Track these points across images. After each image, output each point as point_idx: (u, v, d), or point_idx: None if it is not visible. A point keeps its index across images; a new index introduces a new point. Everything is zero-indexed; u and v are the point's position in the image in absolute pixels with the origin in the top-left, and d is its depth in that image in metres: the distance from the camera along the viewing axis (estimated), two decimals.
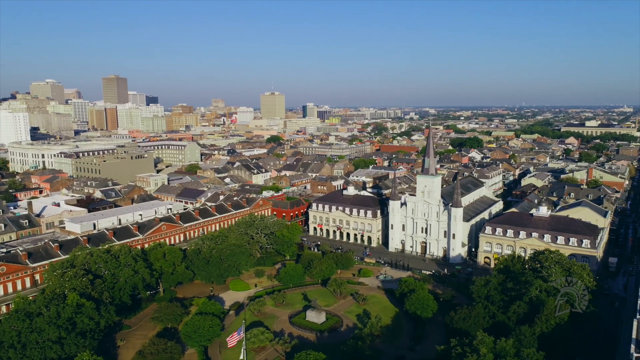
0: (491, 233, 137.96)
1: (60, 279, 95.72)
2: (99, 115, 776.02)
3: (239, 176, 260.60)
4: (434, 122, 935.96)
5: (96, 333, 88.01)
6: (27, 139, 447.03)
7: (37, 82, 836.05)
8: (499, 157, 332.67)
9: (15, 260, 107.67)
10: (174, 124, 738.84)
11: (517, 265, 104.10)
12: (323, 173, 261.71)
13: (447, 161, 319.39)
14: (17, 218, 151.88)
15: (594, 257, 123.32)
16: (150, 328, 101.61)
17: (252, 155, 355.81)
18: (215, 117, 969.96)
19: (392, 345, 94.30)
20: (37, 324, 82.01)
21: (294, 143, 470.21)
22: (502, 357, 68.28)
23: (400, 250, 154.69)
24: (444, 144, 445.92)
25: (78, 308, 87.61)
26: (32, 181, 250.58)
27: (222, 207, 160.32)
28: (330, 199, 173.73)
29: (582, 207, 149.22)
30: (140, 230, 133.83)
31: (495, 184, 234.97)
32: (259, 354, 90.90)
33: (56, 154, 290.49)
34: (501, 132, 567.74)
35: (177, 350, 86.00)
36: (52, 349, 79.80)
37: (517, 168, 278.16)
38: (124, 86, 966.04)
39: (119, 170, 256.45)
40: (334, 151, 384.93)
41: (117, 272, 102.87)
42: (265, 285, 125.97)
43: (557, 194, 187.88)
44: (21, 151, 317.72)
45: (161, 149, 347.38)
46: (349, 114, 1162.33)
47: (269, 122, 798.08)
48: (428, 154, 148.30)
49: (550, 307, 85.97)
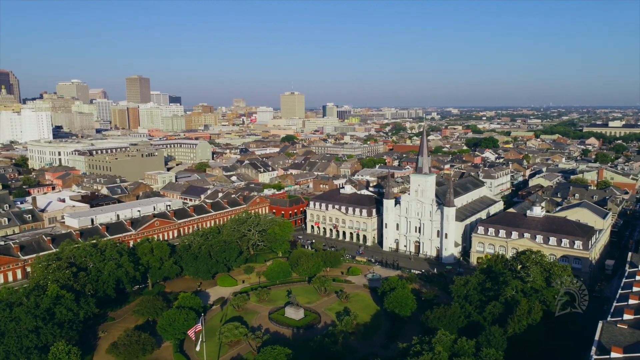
0: (484, 233, 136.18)
1: (44, 270, 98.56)
2: (121, 115, 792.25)
3: (245, 174, 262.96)
4: (454, 122, 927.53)
5: (75, 324, 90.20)
6: (49, 137, 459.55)
7: (63, 82, 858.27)
8: (512, 158, 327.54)
9: (7, 252, 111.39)
10: (193, 123, 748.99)
11: (499, 265, 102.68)
12: (329, 172, 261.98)
13: (458, 161, 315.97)
14: (21, 213, 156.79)
15: (586, 259, 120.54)
16: (132, 321, 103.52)
17: (264, 154, 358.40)
18: (236, 117, 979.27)
19: (367, 343, 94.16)
20: (16, 314, 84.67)
21: (307, 142, 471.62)
22: (459, 355, 67.58)
23: (394, 249, 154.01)
24: (459, 144, 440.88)
25: (57, 299, 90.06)
26: (45, 178, 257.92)
27: (218, 204, 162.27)
28: (328, 198, 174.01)
29: (581, 208, 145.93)
30: (133, 225, 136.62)
31: (502, 184, 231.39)
32: (233, 348, 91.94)
33: (71, 151, 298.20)
34: (520, 133, 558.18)
35: (150, 342, 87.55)
36: (28, 338, 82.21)
37: (528, 169, 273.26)
38: (146, 86, 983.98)
39: (130, 168, 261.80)
40: (346, 150, 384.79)
41: (101, 266, 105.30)
42: (253, 282, 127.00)
43: (562, 195, 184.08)
44: (39, 149, 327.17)
45: (173, 148, 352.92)
46: (369, 114, 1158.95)
47: (287, 122, 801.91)
48: (422, 153, 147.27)
49: (523, 307, 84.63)
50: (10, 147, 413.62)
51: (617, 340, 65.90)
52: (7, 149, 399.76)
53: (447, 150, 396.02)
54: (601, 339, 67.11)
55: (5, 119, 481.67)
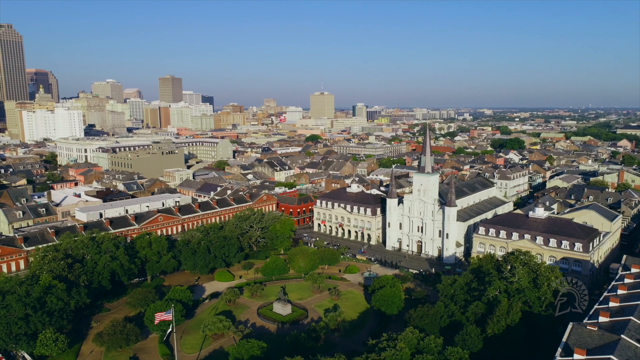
0: (484, 234, 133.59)
1: (41, 261, 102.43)
2: (153, 114, 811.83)
3: (262, 173, 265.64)
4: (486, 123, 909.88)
5: (65, 313, 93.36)
6: (80, 134, 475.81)
7: (99, 82, 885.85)
8: (536, 159, 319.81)
9: (11, 243, 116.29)
10: (221, 122, 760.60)
11: (489, 265, 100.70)
12: (344, 172, 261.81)
13: (479, 162, 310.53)
14: (36, 206, 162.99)
15: (587, 262, 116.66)
16: (126, 312, 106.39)
17: (285, 153, 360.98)
18: (266, 117, 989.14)
19: (349, 340, 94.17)
20: (7, 302, 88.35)
21: (331, 142, 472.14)
22: (423, 353, 66.91)
23: (397, 248, 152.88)
24: (484, 145, 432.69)
25: (49, 289, 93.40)
26: (69, 174, 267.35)
27: (224, 200, 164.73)
28: (334, 196, 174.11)
29: (589, 210, 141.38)
30: (137, 220, 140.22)
31: (519, 186, 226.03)
32: (217, 340, 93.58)
33: (95, 149, 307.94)
34: (550, 134, 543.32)
35: (134, 332, 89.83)
36: (17, 325, 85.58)
37: (549, 170, 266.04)
38: (178, 86, 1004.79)
39: (150, 165, 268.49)
40: (367, 150, 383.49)
41: (97, 258, 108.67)
42: (250, 278, 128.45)
43: (576, 197, 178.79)
44: (67, 146, 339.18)
45: (195, 146, 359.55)
46: (399, 114, 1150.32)
47: (315, 122, 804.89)
48: (424, 152, 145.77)
49: (502, 308, 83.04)
50: (42, 144, 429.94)
51: (585, 343, 63.98)
52: (39, 145, 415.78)
53: (470, 151, 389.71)
54: (568, 341, 65.32)
55: (40, 117, 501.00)
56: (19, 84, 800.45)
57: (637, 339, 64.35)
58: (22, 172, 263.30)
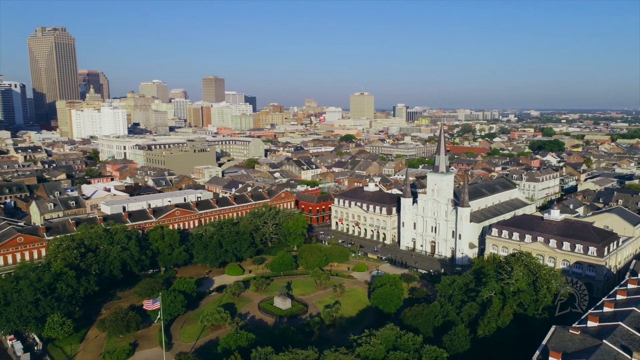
0: (497, 235, 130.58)
1: (56, 249, 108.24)
2: (195, 113, 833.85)
3: (289, 171, 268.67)
4: (530, 125, 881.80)
5: (75, 299, 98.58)
6: (124, 132, 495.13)
7: (145, 82, 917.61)
8: (574, 161, 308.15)
9: (34, 232, 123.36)
10: (260, 122, 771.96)
11: (490, 266, 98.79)
12: (370, 171, 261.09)
13: (513, 164, 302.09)
14: (67, 199, 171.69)
15: (601, 267, 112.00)
16: (134, 301, 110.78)
17: (317, 152, 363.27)
18: (305, 117, 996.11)
19: (344, 335, 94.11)
20: (20, 286, 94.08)
21: (366, 142, 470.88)
22: (398, 350, 66.79)
23: (411, 248, 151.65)
24: (522, 147, 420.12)
25: (60, 275, 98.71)
26: (106, 169, 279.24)
27: (242, 197, 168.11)
28: (351, 195, 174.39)
29: (612, 214, 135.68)
30: (155, 214, 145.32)
31: (549, 188, 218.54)
32: (214, 331, 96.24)
33: (132, 146, 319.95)
34: (595, 136, 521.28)
35: (135, 320, 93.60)
36: (27, 308, 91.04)
37: (585, 173, 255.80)
38: (221, 86, 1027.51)
39: (181, 162, 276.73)
40: (400, 150, 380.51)
41: (109, 248, 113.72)
42: (260, 273, 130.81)
43: (604, 200, 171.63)
44: (108, 143, 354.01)
45: (228, 144, 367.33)
46: (440, 115, 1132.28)
47: (354, 122, 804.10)
48: (438, 152, 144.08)
49: (494, 309, 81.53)
50: (88, 141, 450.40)
51: (564, 346, 62.40)
52: (85, 143, 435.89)
53: (506, 152, 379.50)
54: (548, 344, 63.74)
55: (87, 115, 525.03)
56: (71, 85, 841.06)
57: (620, 344, 62.01)
58: (63, 167, 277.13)
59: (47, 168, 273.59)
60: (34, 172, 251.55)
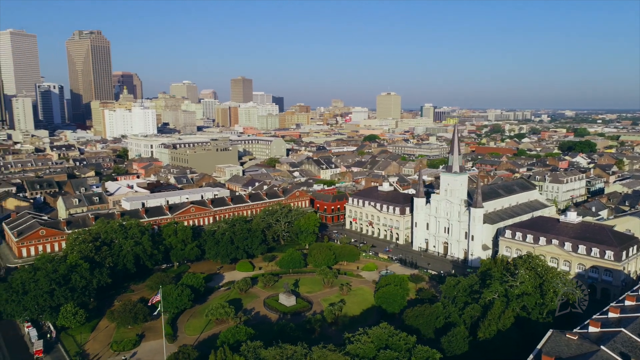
0: (511, 237, 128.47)
1: (72, 242, 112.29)
2: (223, 113, 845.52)
3: (308, 170, 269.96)
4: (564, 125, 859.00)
5: (88, 290, 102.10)
6: (154, 132, 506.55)
7: (176, 83, 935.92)
8: (604, 163, 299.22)
9: (55, 226, 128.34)
10: (286, 122, 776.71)
11: (497, 268, 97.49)
12: (389, 171, 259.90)
13: (539, 165, 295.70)
14: (92, 195, 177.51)
15: (619, 272, 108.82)
16: (145, 294, 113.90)
17: (338, 152, 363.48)
18: (331, 117, 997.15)
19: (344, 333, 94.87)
20: (37, 277, 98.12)
21: (390, 142, 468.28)
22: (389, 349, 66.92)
23: (424, 249, 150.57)
24: (551, 147, 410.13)
25: (74, 267, 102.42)
26: (133, 167, 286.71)
27: (257, 195, 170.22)
28: (365, 195, 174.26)
29: (634, 217, 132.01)
30: (170, 210, 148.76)
31: (574, 190, 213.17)
32: (218, 325, 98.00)
33: (158, 145, 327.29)
34: (630, 137, 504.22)
35: (143, 312, 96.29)
36: (42, 297, 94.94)
37: (614, 175, 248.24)
38: (249, 87, 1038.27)
39: (204, 161, 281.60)
40: (422, 151, 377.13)
41: (123, 243, 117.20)
42: (269, 270, 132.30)
43: (630, 203, 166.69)
44: (137, 142, 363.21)
45: (251, 144, 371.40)
46: (469, 115, 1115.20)
47: (379, 122, 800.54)
48: (452, 151, 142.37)
49: (495, 312, 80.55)
50: (119, 140, 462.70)
51: (559, 351, 61.40)
52: (115, 141, 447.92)
53: (534, 153, 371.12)
54: (543, 348, 62.73)
55: (119, 115, 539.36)
56: (106, 86, 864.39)
57: (620, 351, 60.57)
58: (93, 165, 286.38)
59: (77, 165, 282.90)
60: (65, 169, 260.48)
